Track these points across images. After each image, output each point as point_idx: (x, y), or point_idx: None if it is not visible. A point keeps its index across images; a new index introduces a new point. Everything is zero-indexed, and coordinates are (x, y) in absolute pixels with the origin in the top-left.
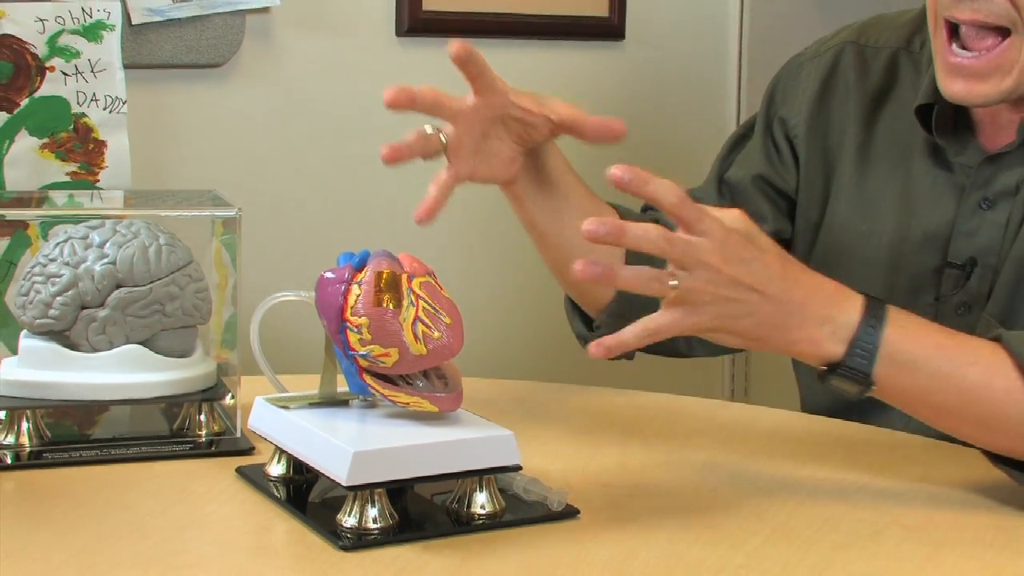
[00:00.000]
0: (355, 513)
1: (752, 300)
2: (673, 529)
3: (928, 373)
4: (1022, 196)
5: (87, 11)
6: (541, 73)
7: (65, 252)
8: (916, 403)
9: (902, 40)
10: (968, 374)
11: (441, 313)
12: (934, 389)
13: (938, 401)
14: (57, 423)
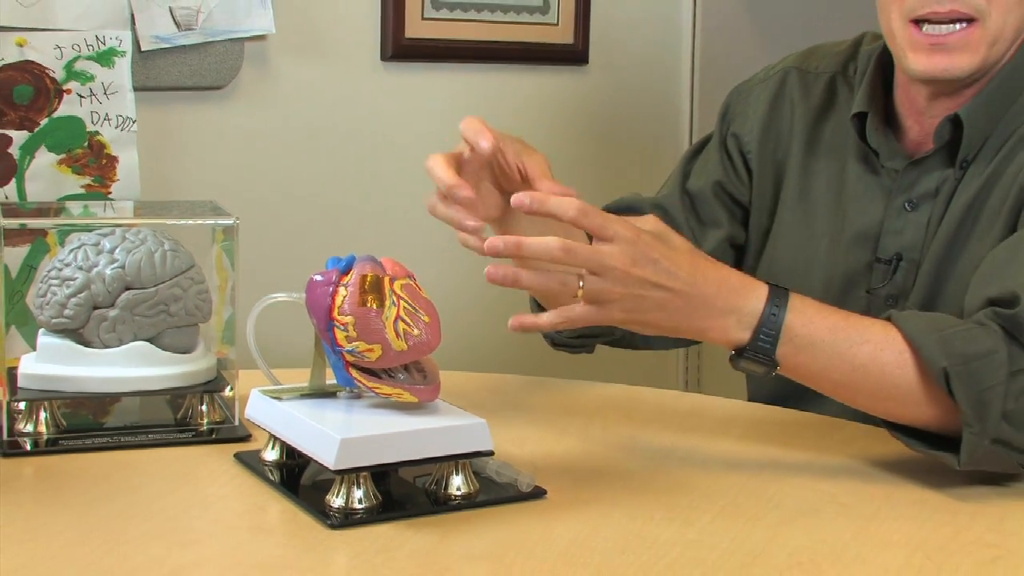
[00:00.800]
0: (342, 494)
1: (661, 296)
2: (631, 507)
3: (825, 353)
4: (941, 198)
5: (101, 39)
6: (513, 94)
7: (79, 257)
8: (818, 379)
9: (839, 66)
10: (860, 352)
11: (420, 312)
12: (831, 367)
13: (836, 377)
14: (72, 413)
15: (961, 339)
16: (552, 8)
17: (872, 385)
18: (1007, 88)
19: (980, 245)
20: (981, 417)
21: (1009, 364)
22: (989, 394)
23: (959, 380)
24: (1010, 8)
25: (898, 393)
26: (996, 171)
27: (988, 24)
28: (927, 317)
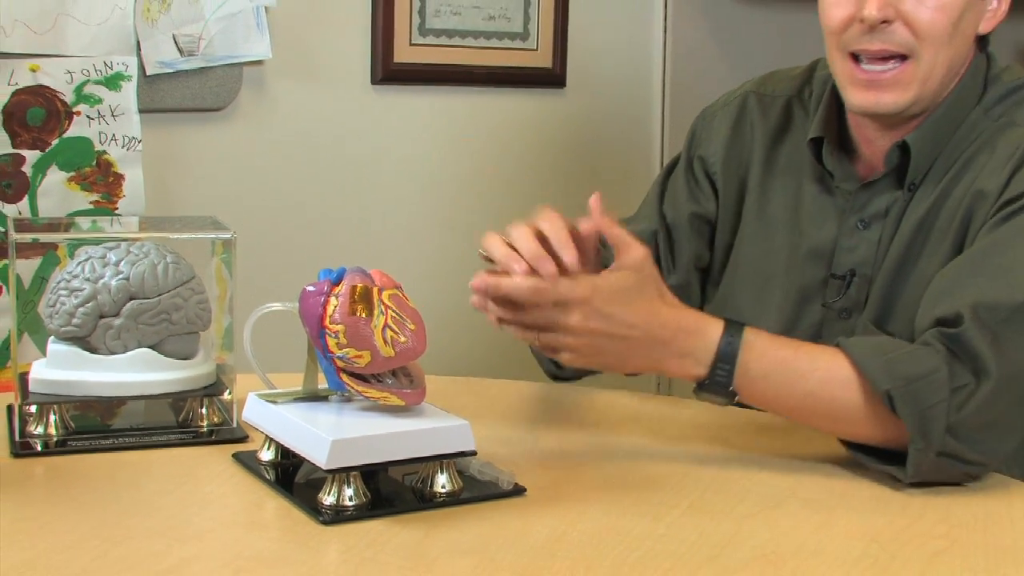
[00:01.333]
0: (334, 492)
1: (616, 344)
2: (606, 504)
3: (778, 383)
4: (891, 218)
5: (108, 64)
6: (495, 115)
7: (86, 269)
8: (774, 406)
9: (794, 90)
10: (810, 380)
11: (407, 321)
12: (784, 395)
13: (791, 404)
14: (80, 416)
15: (905, 361)
16: (532, 35)
17: (823, 410)
18: (951, 116)
19: (929, 263)
20: (925, 434)
21: (951, 381)
22: (932, 412)
23: (902, 401)
24: (940, 46)
25: (848, 415)
26: (943, 193)
27: (920, 62)
28: (874, 341)
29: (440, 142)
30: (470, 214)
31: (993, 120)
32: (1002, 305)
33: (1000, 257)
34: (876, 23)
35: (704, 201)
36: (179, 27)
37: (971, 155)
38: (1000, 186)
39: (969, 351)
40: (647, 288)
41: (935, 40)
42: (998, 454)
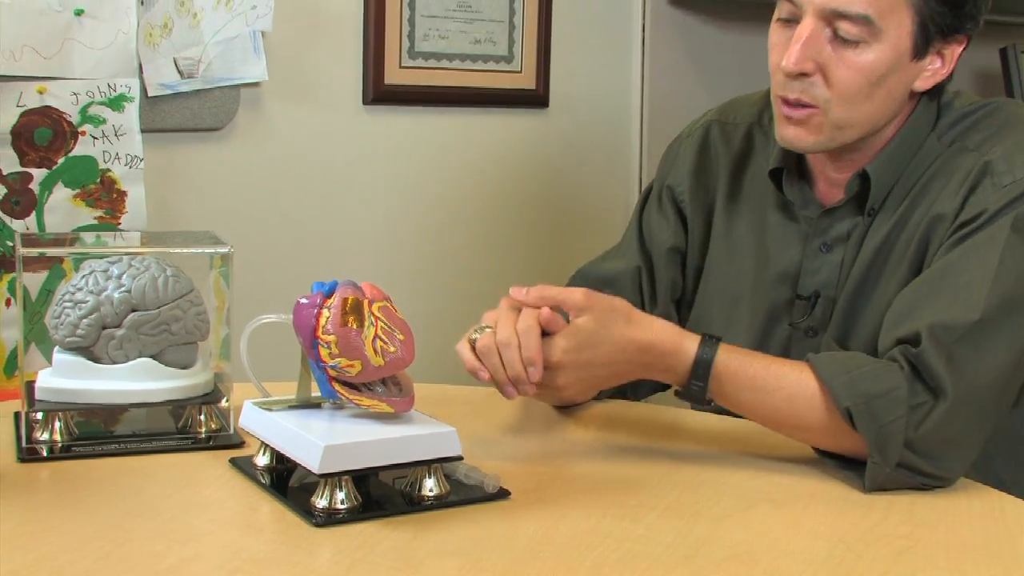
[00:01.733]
0: (326, 495)
1: (605, 375)
2: (587, 506)
3: (748, 396)
4: (853, 241)
5: (112, 86)
6: (481, 134)
7: (90, 283)
8: (746, 415)
9: (754, 116)
10: (778, 395)
11: (396, 332)
12: (755, 407)
13: (761, 415)
14: (84, 422)
15: (867, 379)
16: (516, 58)
17: (791, 422)
18: (907, 145)
19: (889, 284)
20: (882, 449)
21: (910, 399)
22: (889, 428)
23: (861, 418)
24: (854, 104)
25: (813, 427)
26: (901, 218)
27: (830, 113)
28: (840, 358)
29: (429, 160)
30: (457, 228)
31: (946, 145)
32: (958, 325)
33: (955, 278)
34: (793, 75)
35: (675, 230)
36: (179, 51)
37: (927, 180)
38: (955, 209)
39: (927, 370)
40: (608, 322)
41: (848, 98)
42: (957, 471)
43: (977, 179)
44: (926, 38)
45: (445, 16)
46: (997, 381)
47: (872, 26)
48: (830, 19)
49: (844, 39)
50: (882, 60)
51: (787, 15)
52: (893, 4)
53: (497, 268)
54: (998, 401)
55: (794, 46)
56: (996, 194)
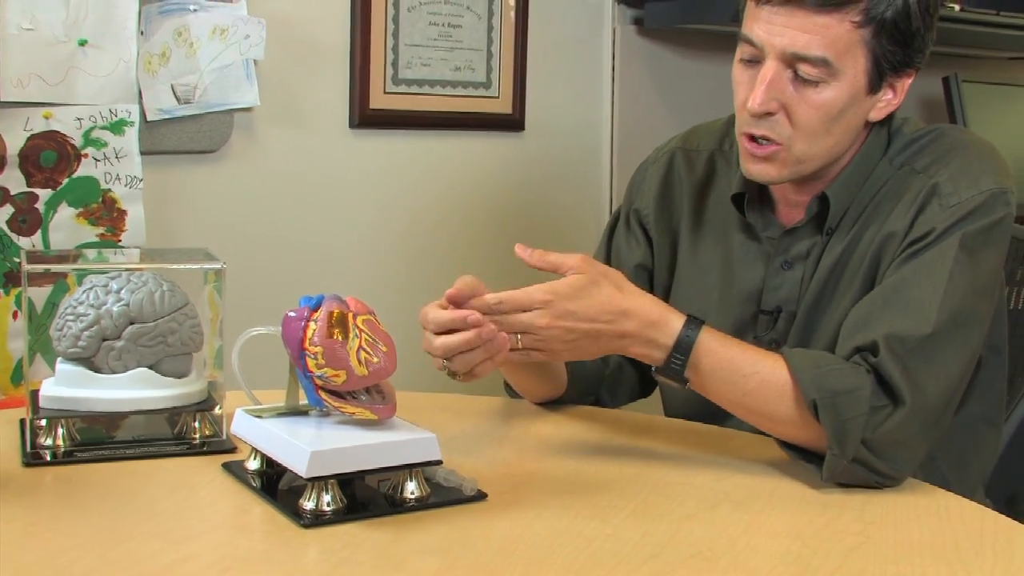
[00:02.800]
0: (313, 498)
1: (585, 336)
2: (559, 507)
3: (722, 379)
4: (811, 259)
5: (113, 112)
6: (461, 156)
7: (90, 297)
8: (718, 399)
9: (716, 143)
10: (750, 381)
11: (379, 343)
12: (727, 390)
13: (732, 398)
14: (86, 429)
15: (834, 376)
16: (494, 84)
17: (759, 408)
18: (861, 169)
19: (844, 298)
20: (841, 442)
21: (871, 400)
22: (850, 424)
23: (825, 411)
24: (815, 138)
25: (779, 416)
26: (855, 237)
27: (793, 149)
28: (812, 355)
29: (411, 180)
30: (438, 245)
31: (897, 168)
32: (911, 337)
33: (908, 292)
34: (758, 115)
35: (642, 251)
36: (177, 78)
37: (879, 201)
38: (905, 228)
39: (886, 378)
40: (601, 283)
41: (810, 133)
42: (906, 472)
43: (926, 199)
44: (880, 74)
45: (427, 45)
46: (946, 391)
47: (830, 67)
48: (791, 62)
49: (805, 79)
50: (840, 97)
51: (749, 56)
52: (849, 45)
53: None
54: (946, 409)
55: (758, 88)
56: (944, 213)
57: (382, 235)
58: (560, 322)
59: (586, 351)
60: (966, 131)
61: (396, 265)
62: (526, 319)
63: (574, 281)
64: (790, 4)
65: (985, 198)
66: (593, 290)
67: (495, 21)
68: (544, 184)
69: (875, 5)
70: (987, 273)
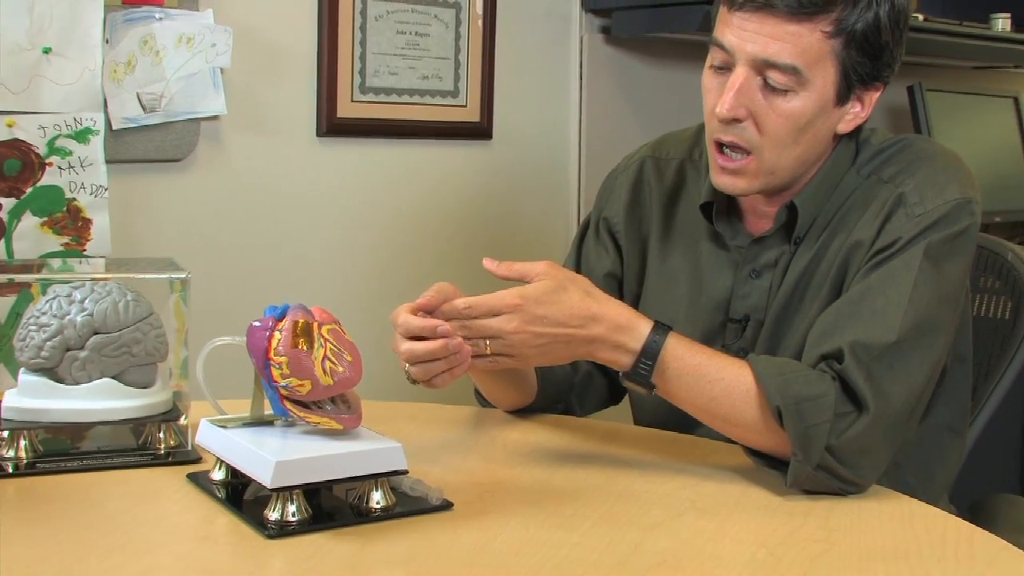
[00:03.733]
0: (278, 508)
1: (555, 341)
2: (525, 516)
3: (689, 384)
4: (780, 267)
5: (78, 120)
6: (428, 164)
7: (54, 307)
8: (684, 404)
9: (686, 152)
10: (716, 386)
11: (344, 353)
12: (692, 396)
13: (698, 405)
14: (49, 440)
15: (799, 382)
16: (461, 92)
17: (725, 414)
18: (829, 179)
19: (811, 307)
20: (805, 449)
21: (836, 407)
22: (814, 430)
23: (789, 417)
24: (783, 148)
25: (745, 422)
26: (822, 246)
27: (762, 158)
28: (777, 361)
29: (379, 188)
30: (406, 254)
31: (864, 178)
32: (876, 345)
33: (873, 301)
34: (727, 120)
35: (611, 259)
36: (143, 86)
37: (846, 211)
38: (872, 237)
39: (851, 385)
40: (570, 287)
41: (778, 142)
42: (870, 479)
43: (892, 209)
44: (848, 86)
45: (394, 53)
46: (910, 398)
47: (800, 75)
48: (761, 69)
49: (774, 88)
50: (808, 107)
51: (720, 63)
52: (819, 55)
53: None
54: (910, 416)
55: (727, 94)
56: (909, 223)
57: (349, 244)
58: (529, 327)
59: (555, 356)
60: (933, 142)
61: (363, 274)
62: (495, 324)
63: (543, 286)
64: (762, 11)
65: (950, 208)
66: (562, 295)
67: (463, 30)
68: (512, 192)
69: (846, 16)
70: (952, 282)
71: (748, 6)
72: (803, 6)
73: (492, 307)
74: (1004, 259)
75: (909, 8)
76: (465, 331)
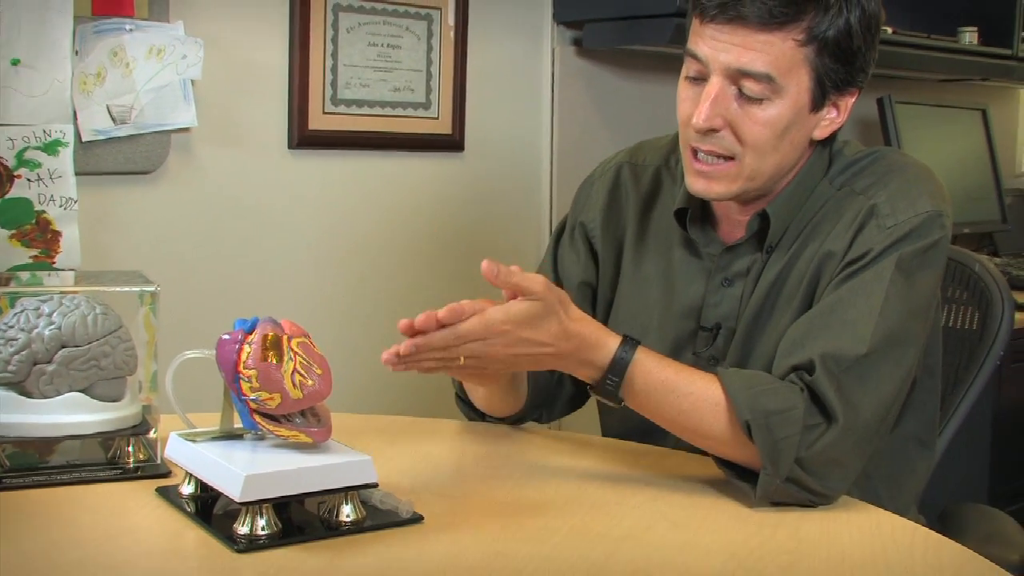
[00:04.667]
0: (247, 522)
1: (531, 358)
2: (496, 530)
3: (657, 398)
4: (751, 276)
5: (47, 132)
6: (401, 176)
7: (21, 320)
8: (653, 416)
9: (662, 159)
10: (685, 400)
11: (314, 366)
12: (662, 409)
13: (667, 418)
14: (16, 454)
15: (768, 395)
16: (433, 104)
17: (694, 426)
18: (802, 188)
19: (782, 316)
20: (774, 462)
21: (805, 419)
22: (783, 443)
23: (758, 431)
24: (763, 154)
25: (714, 435)
26: (794, 255)
27: (743, 163)
28: (746, 374)
29: (351, 201)
30: (378, 266)
31: (837, 189)
32: (846, 357)
33: (844, 313)
34: (703, 131)
35: (586, 266)
36: (113, 98)
37: (818, 221)
38: (844, 248)
39: (821, 396)
40: (553, 310)
41: (758, 149)
42: (839, 490)
43: (864, 220)
44: (823, 92)
45: (366, 65)
46: (880, 410)
47: (774, 83)
48: (735, 78)
49: (749, 97)
50: (784, 114)
51: (695, 73)
52: (792, 63)
53: (414, 303)
54: (879, 428)
55: (703, 104)
56: (881, 235)
57: (320, 256)
58: (511, 349)
59: (519, 367)
60: (905, 155)
61: (334, 287)
62: (480, 347)
63: (532, 310)
64: (733, 22)
65: (922, 220)
66: (549, 319)
67: (434, 42)
68: (484, 204)
69: (817, 24)
70: (923, 294)
71: (720, 17)
72: (773, 16)
73: (481, 334)
74: (971, 270)
75: (880, 13)
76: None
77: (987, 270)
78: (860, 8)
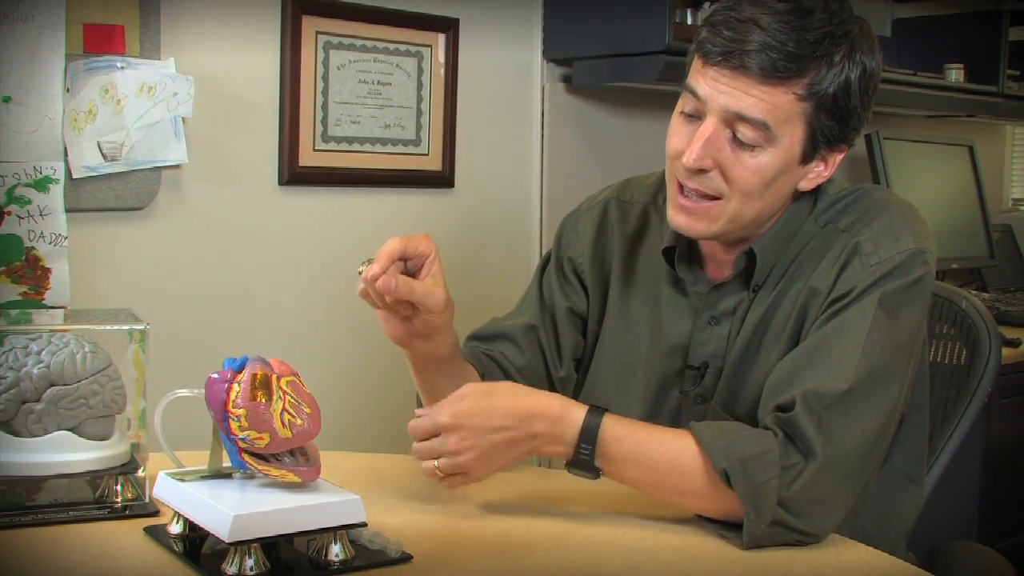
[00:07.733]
0: (236, 563)
1: (499, 446)
2: (485, 568)
3: (633, 464)
4: (738, 315)
5: (38, 169)
6: (391, 213)
7: (9, 359)
8: (632, 483)
9: (649, 196)
10: (660, 461)
11: (303, 405)
12: (639, 474)
13: (645, 482)
14: (4, 493)
15: (742, 443)
16: (424, 141)
17: (673, 486)
18: (788, 228)
19: (769, 354)
20: (757, 507)
21: (782, 460)
22: (763, 488)
23: (736, 477)
24: (749, 200)
25: (694, 491)
26: (780, 293)
27: (728, 205)
28: (718, 426)
29: (342, 238)
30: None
31: (821, 227)
32: (828, 393)
33: (828, 351)
34: (692, 170)
35: (576, 297)
36: (103, 135)
37: (804, 258)
38: (829, 286)
39: (799, 433)
40: (495, 392)
41: (745, 194)
42: (826, 528)
43: (848, 258)
44: (814, 146)
45: (356, 102)
46: (863, 445)
47: (769, 132)
48: (731, 122)
49: (742, 143)
50: (774, 163)
51: (691, 110)
52: (789, 115)
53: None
54: (864, 463)
55: (695, 144)
56: (864, 272)
57: (311, 293)
58: (470, 440)
59: (503, 460)
60: (889, 192)
61: (324, 325)
62: (435, 445)
63: (470, 399)
64: (736, 70)
65: (904, 258)
66: (491, 399)
67: (425, 79)
68: (474, 240)
69: (819, 81)
70: (906, 331)
71: (723, 64)
72: (777, 70)
73: (427, 430)
74: (958, 306)
75: (879, 72)
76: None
77: (974, 306)
78: (862, 67)
